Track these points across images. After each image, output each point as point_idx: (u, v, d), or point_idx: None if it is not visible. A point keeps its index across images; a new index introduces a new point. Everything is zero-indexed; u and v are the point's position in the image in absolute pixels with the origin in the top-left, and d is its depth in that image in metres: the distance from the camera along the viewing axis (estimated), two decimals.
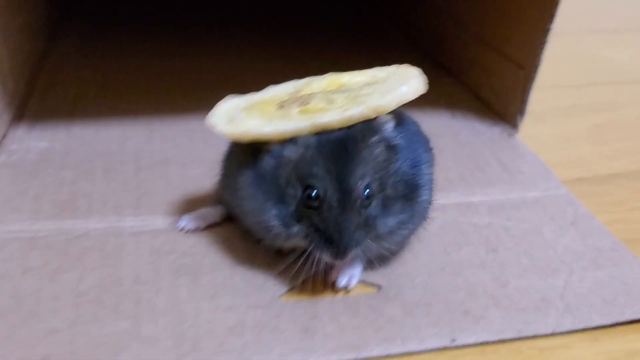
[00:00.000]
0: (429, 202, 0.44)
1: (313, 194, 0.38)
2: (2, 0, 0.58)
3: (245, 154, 0.41)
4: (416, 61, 0.46)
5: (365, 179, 0.38)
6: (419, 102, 0.46)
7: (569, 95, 0.79)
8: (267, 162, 0.40)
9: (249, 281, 0.42)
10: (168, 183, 0.53)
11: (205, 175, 0.53)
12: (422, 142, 0.44)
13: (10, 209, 0.48)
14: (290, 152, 0.39)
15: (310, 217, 0.39)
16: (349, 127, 0.38)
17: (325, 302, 0.41)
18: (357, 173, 0.38)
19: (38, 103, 0.64)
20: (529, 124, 0.65)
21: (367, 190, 0.39)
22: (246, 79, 0.73)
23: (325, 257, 0.39)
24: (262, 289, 0.42)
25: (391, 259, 0.45)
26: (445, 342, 0.39)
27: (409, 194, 0.41)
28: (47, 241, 0.45)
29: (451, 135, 0.64)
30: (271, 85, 0.45)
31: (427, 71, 0.43)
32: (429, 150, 0.45)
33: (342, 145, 0.38)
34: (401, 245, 0.45)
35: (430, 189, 0.44)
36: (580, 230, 0.50)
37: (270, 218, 0.39)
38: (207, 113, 0.42)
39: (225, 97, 0.43)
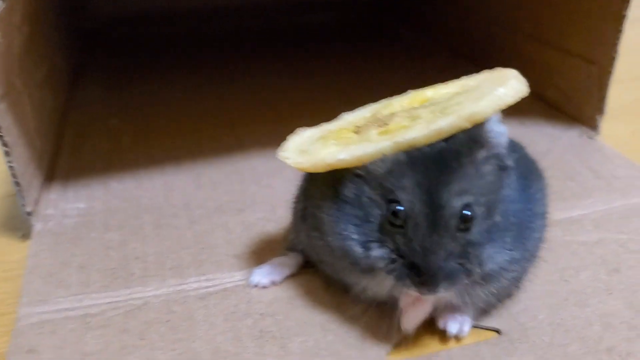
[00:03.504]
0: (541, 240, 0.37)
1: (398, 208, 0.32)
2: (25, 54, 0.52)
3: (326, 185, 0.35)
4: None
5: (465, 197, 0.31)
6: None
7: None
8: (349, 185, 0.34)
9: (345, 340, 0.36)
10: (228, 233, 0.47)
11: (266, 219, 0.48)
12: (533, 168, 0.38)
13: (56, 284, 0.42)
14: (376, 167, 0.33)
15: (394, 238, 0.32)
16: (448, 141, 0.32)
17: (442, 355, 0.35)
18: (453, 187, 0.31)
19: (68, 160, 0.58)
20: (603, 123, 0.59)
21: (467, 211, 0.32)
22: (284, 110, 0.68)
23: (409, 289, 0.32)
24: (364, 348, 0.36)
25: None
26: None
27: (521, 228, 0.34)
28: (102, 318, 0.39)
29: (527, 144, 0.57)
30: (345, 113, 0.39)
31: None
32: (541, 177, 0.39)
33: (439, 158, 0.32)
34: (510, 293, 0.38)
35: (544, 225, 0.37)
36: None
37: (351, 243, 0.33)
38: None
39: (296, 130, 0.38)
